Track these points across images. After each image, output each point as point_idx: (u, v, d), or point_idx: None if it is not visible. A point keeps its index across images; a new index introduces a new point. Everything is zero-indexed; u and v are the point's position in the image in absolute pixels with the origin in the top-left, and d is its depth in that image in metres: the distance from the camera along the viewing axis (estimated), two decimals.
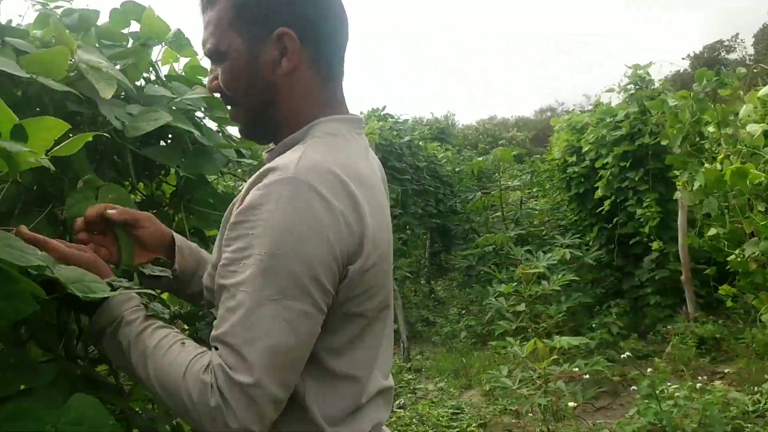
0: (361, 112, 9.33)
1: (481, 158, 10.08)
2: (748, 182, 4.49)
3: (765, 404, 4.25)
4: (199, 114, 1.65)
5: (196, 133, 1.49)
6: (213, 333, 1.00)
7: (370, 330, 1.12)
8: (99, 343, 1.11)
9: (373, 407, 1.15)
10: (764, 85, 4.91)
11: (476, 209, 9.40)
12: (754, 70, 4.81)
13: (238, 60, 1.13)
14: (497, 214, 8.91)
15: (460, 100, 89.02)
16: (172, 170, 1.63)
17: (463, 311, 8.37)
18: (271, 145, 1.21)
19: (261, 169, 1.05)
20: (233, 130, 1.76)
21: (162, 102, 1.50)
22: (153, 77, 1.67)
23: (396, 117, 9.29)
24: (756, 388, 4.46)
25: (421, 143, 9.44)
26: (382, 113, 9.15)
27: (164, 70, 1.74)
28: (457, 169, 10.50)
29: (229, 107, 1.21)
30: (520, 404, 4.69)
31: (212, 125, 1.69)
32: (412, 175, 8.22)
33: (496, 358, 6.07)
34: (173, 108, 1.50)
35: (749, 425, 3.98)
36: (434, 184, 9.24)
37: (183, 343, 1.04)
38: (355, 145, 1.16)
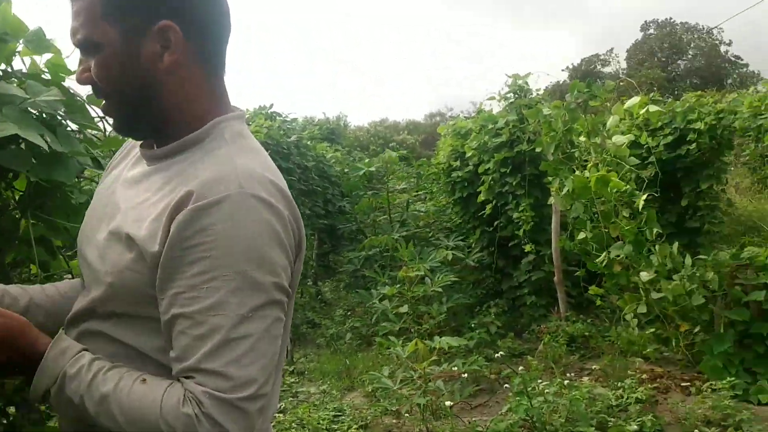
0: (248, 110, 9.14)
1: (367, 161, 10.14)
2: (609, 189, 4.78)
3: (627, 399, 4.52)
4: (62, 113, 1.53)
5: (47, 138, 1.38)
6: (182, 365, 0.97)
7: (286, 325, 1.14)
8: (46, 403, 1.05)
9: (276, 400, 1.19)
10: (631, 97, 5.24)
11: (364, 210, 9.46)
12: (620, 83, 5.13)
13: (114, 52, 1.07)
14: (384, 215, 9.00)
15: (350, 90, 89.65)
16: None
17: (349, 313, 8.38)
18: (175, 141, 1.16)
19: (191, 189, 1.00)
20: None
21: (15, 102, 1.39)
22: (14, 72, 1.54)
23: (284, 115, 9.17)
24: (619, 384, 4.73)
25: (309, 143, 9.37)
26: (269, 111, 9.00)
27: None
28: (346, 170, 10.51)
29: (103, 101, 1.14)
30: (400, 404, 4.75)
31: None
32: (300, 175, 8.15)
33: (379, 359, 6.11)
34: (26, 109, 1.39)
35: (612, 419, 4.22)
36: (323, 185, 9.20)
37: (143, 380, 0.99)
38: (259, 144, 1.16)
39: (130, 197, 1.12)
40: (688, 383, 4.84)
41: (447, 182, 8.34)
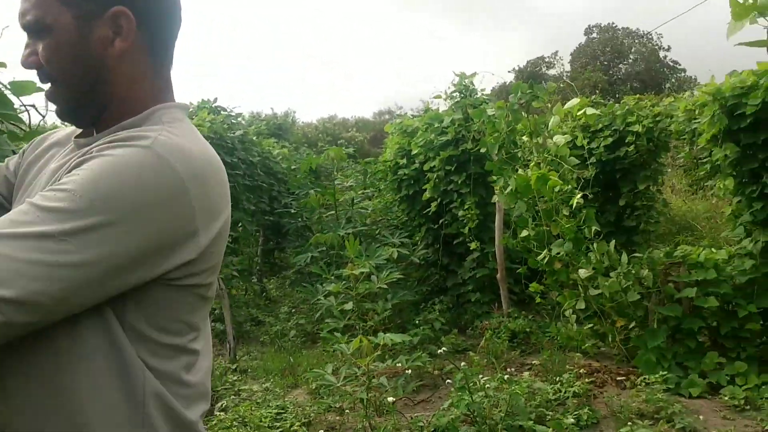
0: (191, 103, 8.97)
1: (315, 156, 10.10)
2: (549, 188, 4.89)
3: (565, 393, 4.64)
4: None
5: None
6: None
7: (203, 311, 1.13)
8: None
9: (205, 363, 1.18)
10: (572, 99, 5.36)
11: (310, 207, 9.40)
12: (560, 86, 5.23)
13: (65, 36, 1.04)
14: (331, 212, 8.97)
15: (300, 86, 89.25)
16: None
17: (294, 310, 8.34)
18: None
19: (111, 138, 1.00)
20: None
21: None
22: None
23: (229, 110, 9.03)
24: (558, 378, 4.85)
25: (255, 138, 9.26)
26: (213, 105, 8.85)
27: None
28: (293, 167, 10.43)
29: (48, 85, 1.11)
30: (343, 401, 4.75)
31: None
32: (245, 171, 8.04)
33: (324, 356, 6.09)
34: None
35: (551, 412, 4.32)
36: (268, 181, 9.10)
37: None
38: (198, 133, 1.13)
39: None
40: (624, 377, 4.99)
41: (393, 180, 8.37)
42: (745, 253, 5.11)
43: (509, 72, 40.52)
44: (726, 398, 4.49)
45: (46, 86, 1.11)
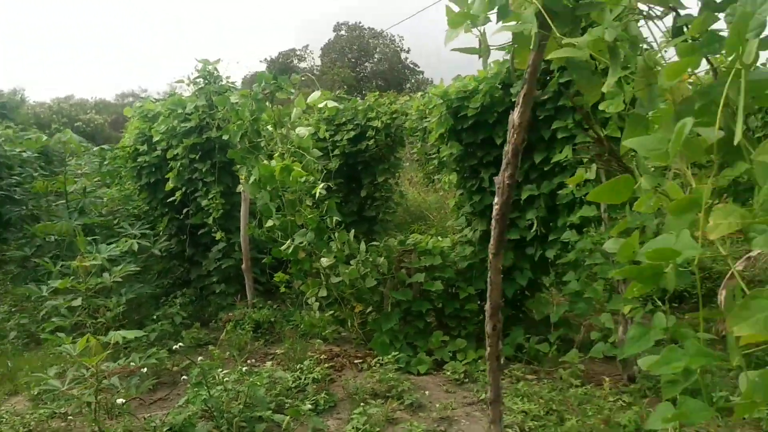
0: None
1: (45, 138, 9.05)
2: (293, 179, 4.96)
3: (305, 380, 4.74)
4: None
5: None
6: None
7: None
8: None
9: None
10: (316, 92, 5.46)
11: (36, 194, 8.42)
12: (302, 78, 5.32)
13: None
14: (61, 201, 8.12)
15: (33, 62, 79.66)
16: None
17: (15, 309, 7.40)
18: None
19: None
20: None
21: None
22: None
23: None
24: (299, 366, 4.93)
25: None
26: None
27: None
28: (18, 150, 9.22)
29: None
30: (69, 406, 4.33)
31: None
32: None
33: (50, 358, 5.50)
34: None
35: (290, 400, 4.38)
36: None
37: None
38: None
39: None
40: (361, 360, 5.25)
41: (133, 167, 7.83)
42: (466, 241, 5.68)
43: (261, 62, 40.40)
44: (449, 373, 4.95)
45: None
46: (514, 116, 2.38)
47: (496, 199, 2.60)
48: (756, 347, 1.33)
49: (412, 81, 38.67)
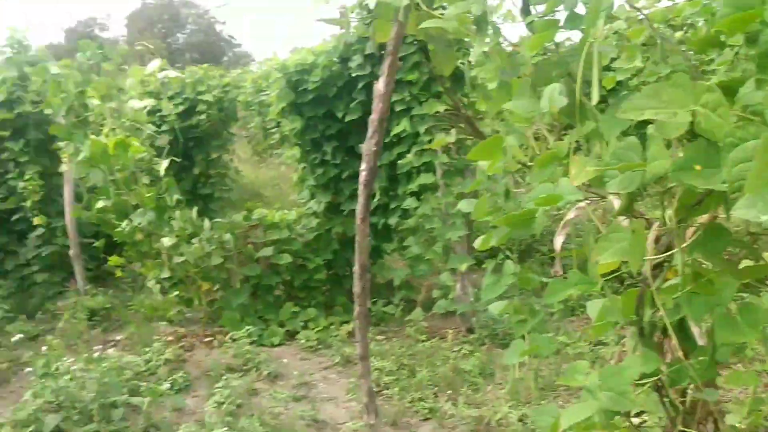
0: None
1: None
2: (129, 155, 4.72)
3: (156, 362, 4.59)
4: None
5: None
6: None
7: None
8: None
9: None
10: (138, 64, 5.21)
11: None
12: (137, 47, 5.05)
13: None
14: None
15: None
16: None
17: None
18: None
19: None
20: None
21: None
22: None
23: None
24: (147, 349, 4.76)
25: None
26: None
27: None
28: None
29: None
30: None
31: None
32: None
33: None
34: None
35: (144, 383, 4.22)
36: None
37: None
38: None
39: None
40: (211, 338, 5.18)
41: None
42: (311, 213, 5.77)
43: (62, 31, 37.00)
44: (302, 342, 5.06)
45: None
46: (380, 85, 2.51)
47: (363, 166, 2.72)
48: (611, 274, 1.57)
49: (230, 54, 37.55)
